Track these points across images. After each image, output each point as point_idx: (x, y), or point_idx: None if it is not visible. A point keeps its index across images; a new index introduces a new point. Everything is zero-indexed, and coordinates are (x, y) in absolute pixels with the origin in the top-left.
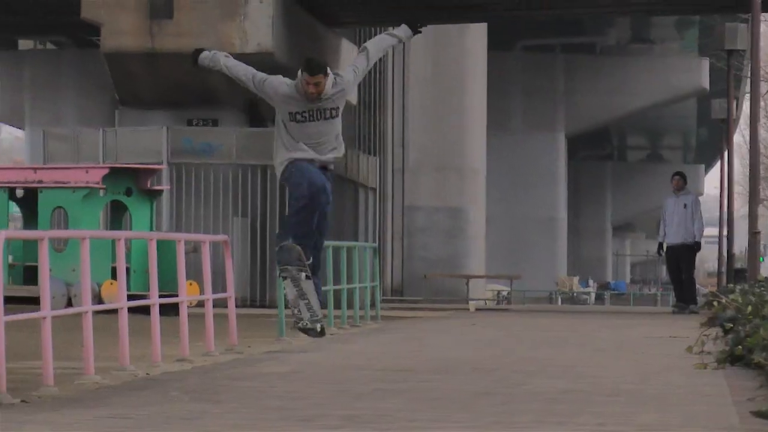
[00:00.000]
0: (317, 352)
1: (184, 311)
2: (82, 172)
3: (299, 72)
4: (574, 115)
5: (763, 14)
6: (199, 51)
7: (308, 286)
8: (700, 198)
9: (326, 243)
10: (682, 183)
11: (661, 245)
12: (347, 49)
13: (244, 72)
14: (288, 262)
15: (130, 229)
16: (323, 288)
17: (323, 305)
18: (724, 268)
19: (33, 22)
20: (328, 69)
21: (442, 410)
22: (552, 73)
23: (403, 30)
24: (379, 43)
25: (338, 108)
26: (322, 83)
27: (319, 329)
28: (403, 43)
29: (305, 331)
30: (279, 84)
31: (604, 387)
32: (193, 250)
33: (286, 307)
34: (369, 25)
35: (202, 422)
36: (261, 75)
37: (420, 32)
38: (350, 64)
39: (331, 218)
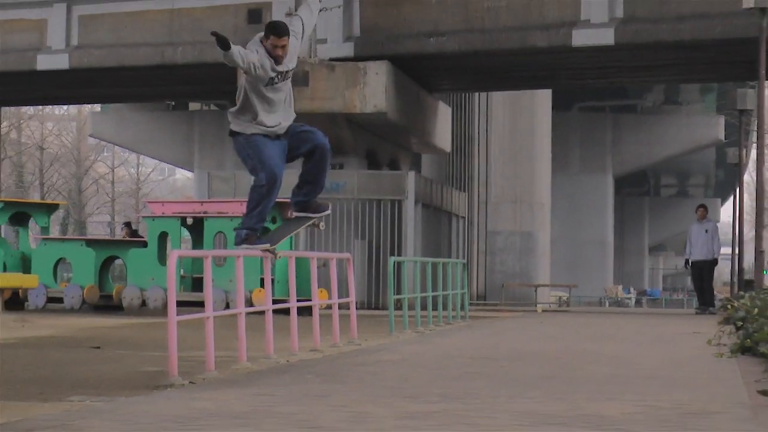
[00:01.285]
0: (419, 344)
1: (316, 312)
2: (238, 205)
3: (259, 38)
4: (619, 160)
5: (767, 81)
6: (223, 39)
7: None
8: (718, 224)
9: (425, 259)
10: (704, 213)
11: (687, 261)
12: (443, 109)
13: (253, 57)
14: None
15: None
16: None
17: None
18: (736, 279)
19: (201, 90)
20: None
21: (517, 389)
22: (602, 127)
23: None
24: (308, 13)
25: (293, 69)
26: (287, 45)
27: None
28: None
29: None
30: (259, 54)
31: (643, 371)
32: (323, 264)
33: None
34: (461, 91)
35: (330, 399)
36: (254, 56)
37: None
38: (298, 13)
39: (430, 240)
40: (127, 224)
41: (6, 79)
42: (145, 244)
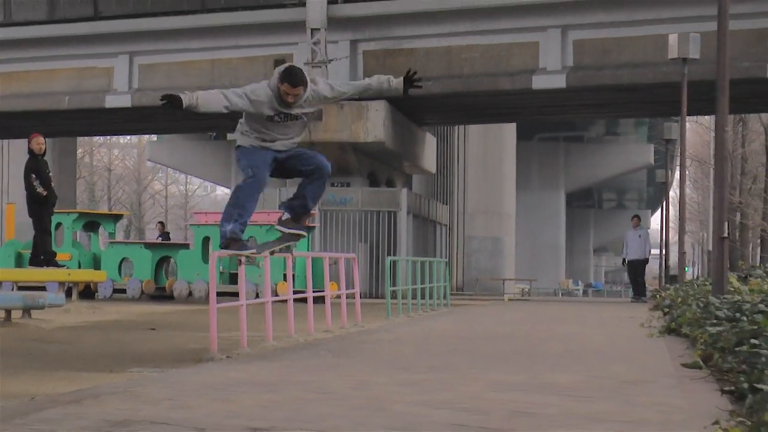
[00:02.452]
0: (410, 326)
1: (327, 301)
2: (266, 215)
3: (277, 77)
4: (570, 180)
5: (687, 117)
6: (172, 98)
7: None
8: (649, 231)
9: (415, 258)
10: (638, 222)
11: (624, 260)
12: (429, 138)
13: (234, 101)
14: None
15: (295, 250)
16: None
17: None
18: (663, 274)
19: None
20: (308, 81)
21: (489, 362)
22: (556, 153)
23: (397, 82)
24: (370, 89)
25: (308, 113)
26: (300, 95)
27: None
28: (390, 88)
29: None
30: (259, 91)
31: (589, 348)
32: (334, 263)
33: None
34: (444, 124)
35: (340, 370)
36: (242, 92)
37: (417, 86)
38: (331, 82)
39: (419, 243)
40: (161, 223)
41: (81, 115)
42: (189, 246)
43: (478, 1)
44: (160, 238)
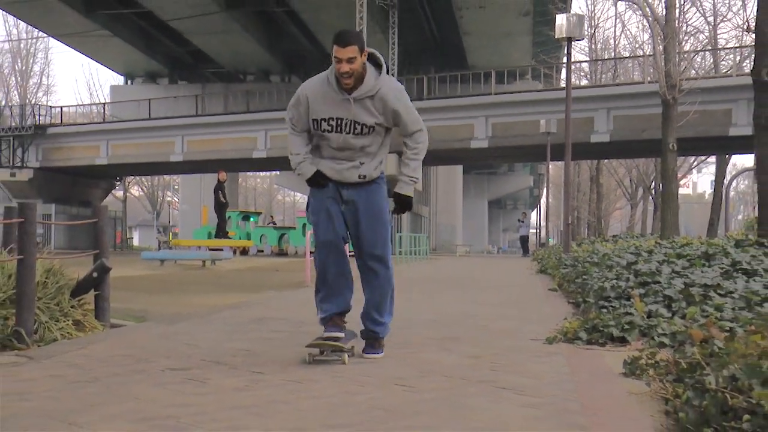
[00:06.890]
0: (409, 271)
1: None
2: (303, 212)
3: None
4: (489, 194)
5: (550, 161)
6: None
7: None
8: (529, 219)
9: (412, 234)
10: (525, 215)
11: (520, 235)
12: None
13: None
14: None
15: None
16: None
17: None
18: (538, 243)
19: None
20: (366, 47)
21: (448, 289)
22: (482, 180)
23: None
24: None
25: (375, 125)
26: (357, 60)
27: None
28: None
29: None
30: (308, 89)
31: (500, 281)
32: None
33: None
34: (425, 165)
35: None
36: (293, 114)
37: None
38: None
39: (412, 226)
40: (272, 216)
41: (239, 161)
42: (295, 228)
43: (440, 103)
44: (271, 224)
